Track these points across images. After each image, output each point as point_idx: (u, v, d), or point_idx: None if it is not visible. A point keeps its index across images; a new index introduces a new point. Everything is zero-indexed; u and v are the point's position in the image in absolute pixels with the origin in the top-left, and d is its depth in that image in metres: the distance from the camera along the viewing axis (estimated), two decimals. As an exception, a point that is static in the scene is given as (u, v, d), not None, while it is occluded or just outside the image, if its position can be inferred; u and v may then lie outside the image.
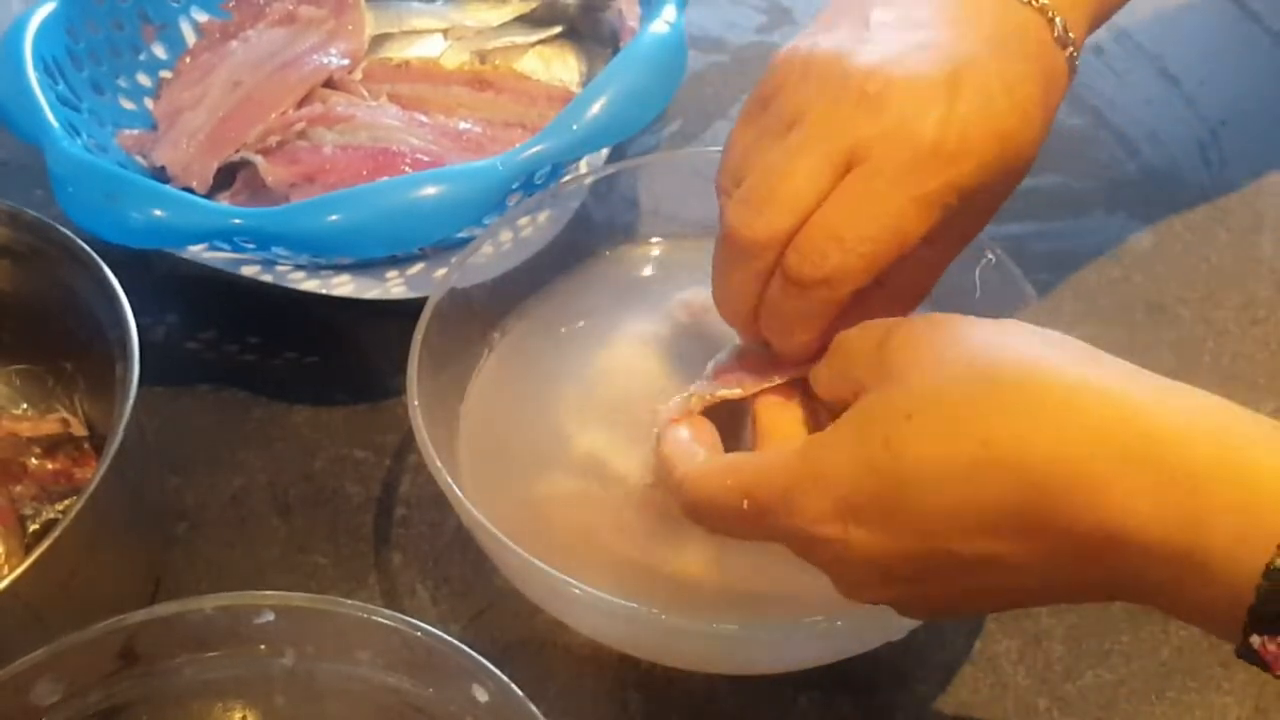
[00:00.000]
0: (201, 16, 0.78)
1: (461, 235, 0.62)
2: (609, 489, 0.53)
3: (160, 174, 0.70)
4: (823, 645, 0.50)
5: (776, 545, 0.42)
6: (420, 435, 0.51)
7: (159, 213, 0.58)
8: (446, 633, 0.43)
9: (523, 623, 0.56)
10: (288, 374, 0.66)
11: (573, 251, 0.63)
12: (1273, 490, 0.33)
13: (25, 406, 0.61)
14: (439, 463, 0.50)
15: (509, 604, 0.56)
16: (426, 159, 0.67)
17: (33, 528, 0.56)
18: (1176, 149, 0.76)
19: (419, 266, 0.64)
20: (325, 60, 0.74)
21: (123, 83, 0.74)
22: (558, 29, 0.79)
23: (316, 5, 0.77)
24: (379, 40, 0.78)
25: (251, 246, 0.60)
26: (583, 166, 0.68)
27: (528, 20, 0.79)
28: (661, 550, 0.51)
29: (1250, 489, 0.34)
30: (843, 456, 0.39)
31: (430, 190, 0.58)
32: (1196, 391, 0.37)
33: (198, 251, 0.64)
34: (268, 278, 0.64)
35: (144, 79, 0.75)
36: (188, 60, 0.76)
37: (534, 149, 0.60)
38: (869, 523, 0.39)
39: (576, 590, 0.46)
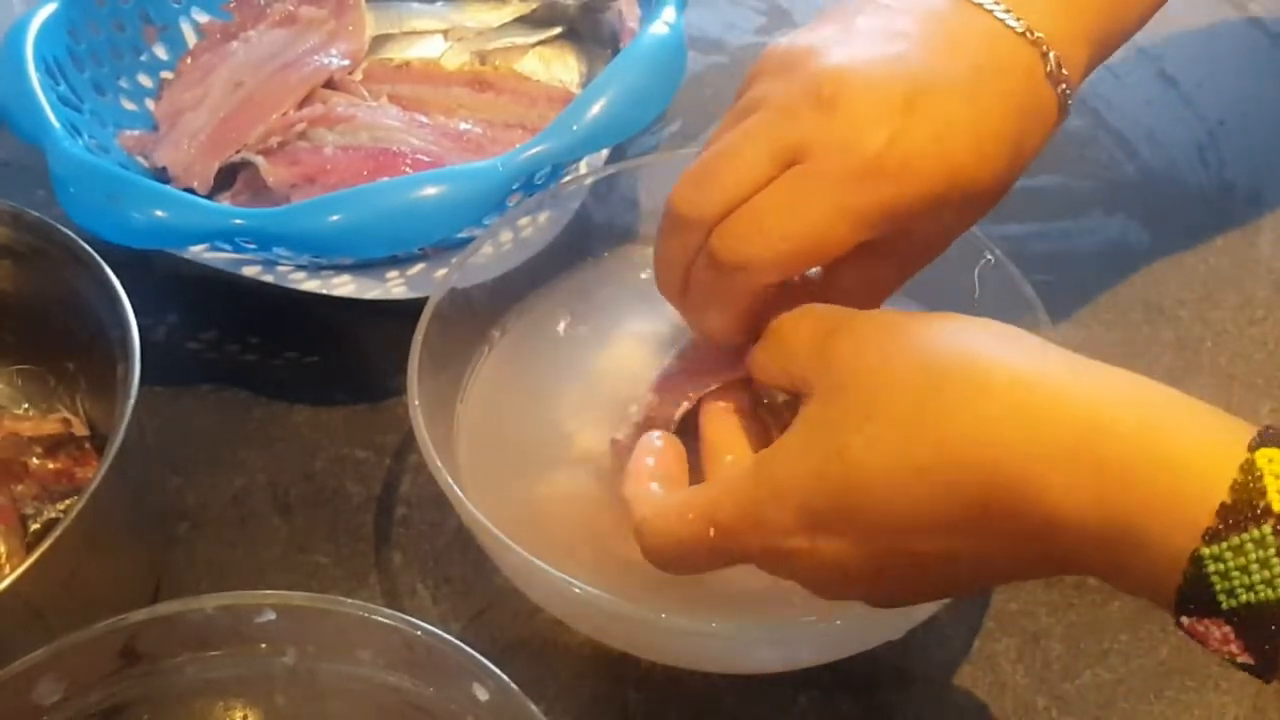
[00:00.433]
0: (202, 17, 0.78)
1: (462, 235, 0.62)
2: (609, 489, 0.53)
3: (161, 175, 0.70)
4: (822, 644, 0.50)
5: None
6: (420, 435, 0.51)
7: (160, 213, 0.58)
8: (447, 632, 0.43)
9: (523, 622, 0.56)
10: (288, 374, 0.66)
11: (573, 252, 0.63)
12: (1201, 474, 0.34)
13: (27, 406, 0.61)
14: (439, 462, 0.50)
15: (509, 604, 0.56)
16: (427, 160, 0.67)
17: (34, 527, 0.56)
18: (1175, 150, 0.77)
19: (419, 267, 0.64)
20: (326, 61, 0.74)
21: (124, 83, 0.74)
22: (558, 30, 0.79)
23: (317, 6, 0.77)
24: (379, 41, 0.78)
25: (252, 247, 0.61)
26: (583, 167, 0.68)
27: (528, 21, 0.79)
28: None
29: (1179, 475, 0.35)
30: (801, 468, 0.40)
31: (430, 191, 0.58)
32: (1139, 379, 0.38)
33: (199, 252, 0.64)
34: (268, 278, 0.64)
35: (145, 80, 0.75)
36: (189, 61, 0.76)
37: (534, 150, 0.60)
38: (833, 530, 0.40)
39: (576, 590, 0.46)
